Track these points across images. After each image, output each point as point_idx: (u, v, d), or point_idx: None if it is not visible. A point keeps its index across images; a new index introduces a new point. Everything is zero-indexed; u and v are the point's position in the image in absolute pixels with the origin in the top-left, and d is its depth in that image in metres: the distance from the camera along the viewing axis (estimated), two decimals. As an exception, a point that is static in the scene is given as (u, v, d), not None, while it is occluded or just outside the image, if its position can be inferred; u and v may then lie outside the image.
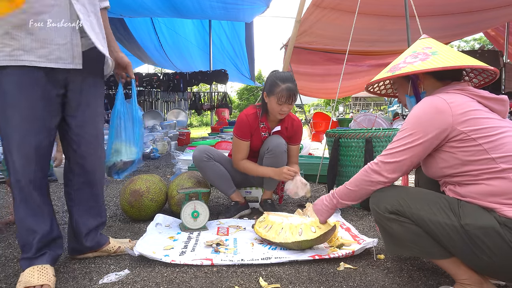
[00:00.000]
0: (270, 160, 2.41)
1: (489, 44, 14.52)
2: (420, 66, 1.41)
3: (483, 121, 1.31)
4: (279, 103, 2.30)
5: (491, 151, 1.28)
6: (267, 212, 2.10)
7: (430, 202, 1.34)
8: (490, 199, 1.27)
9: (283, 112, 2.35)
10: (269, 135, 2.49)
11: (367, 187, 1.49)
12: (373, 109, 30.53)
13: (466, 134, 1.30)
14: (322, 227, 1.80)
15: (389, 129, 2.80)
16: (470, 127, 1.30)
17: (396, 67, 1.49)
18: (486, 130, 1.30)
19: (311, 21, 6.36)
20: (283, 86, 2.28)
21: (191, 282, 1.55)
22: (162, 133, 7.31)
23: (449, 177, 1.39)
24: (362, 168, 1.52)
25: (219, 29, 10.69)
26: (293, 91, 2.29)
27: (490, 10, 6.23)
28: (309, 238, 1.78)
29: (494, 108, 1.38)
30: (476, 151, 1.29)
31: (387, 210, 1.40)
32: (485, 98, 1.38)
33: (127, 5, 7.88)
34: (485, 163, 1.28)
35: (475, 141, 1.29)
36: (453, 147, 1.33)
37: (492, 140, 1.28)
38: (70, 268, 1.72)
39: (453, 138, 1.32)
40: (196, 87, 13.31)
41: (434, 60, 1.40)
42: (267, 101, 2.37)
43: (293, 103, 2.33)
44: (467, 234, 1.24)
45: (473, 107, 1.34)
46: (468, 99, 1.36)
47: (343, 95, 14.85)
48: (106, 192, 3.50)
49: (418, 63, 1.43)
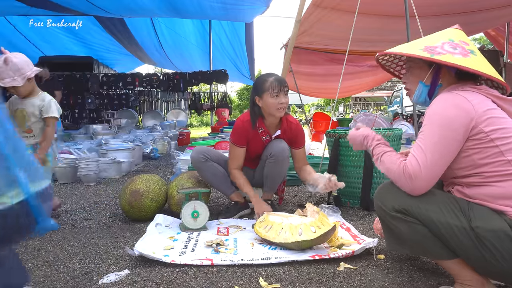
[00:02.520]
0: (272, 166, 2.40)
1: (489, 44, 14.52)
2: (462, 61, 1.31)
3: (502, 120, 1.29)
4: (273, 95, 2.27)
5: (507, 153, 1.26)
6: (267, 212, 2.09)
7: (440, 202, 1.31)
8: (501, 201, 1.25)
9: (281, 105, 2.29)
10: (271, 138, 2.47)
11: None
12: (373, 109, 30.54)
13: (486, 133, 1.27)
14: (322, 227, 1.80)
15: (389, 129, 2.80)
16: (489, 126, 1.27)
17: (434, 50, 1.36)
18: (504, 131, 1.27)
19: (311, 21, 6.35)
20: (271, 79, 2.30)
21: (191, 282, 1.55)
22: (162, 133, 7.32)
23: (459, 178, 1.36)
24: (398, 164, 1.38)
25: (219, 29, 10.68)
26: (282, 80, 2.31)
27: (490, 10, 6.23)
28: (309, 238, 1.78)
29: (506, 108, 1.35)
30: (492, 154, 1.27)
31: (394, 208, 1.36)
32: (499, 97, 1.35)
33: (127, 5, 7.88)
34: (500, 166, 1.26)
35: (492, 142, 1.27)
36: (469, 148, 1.30)
37: (509, 142, 1.26)
38: (70, 268, 1.72)
39: (472, 137, 1.29)
40: (196, 87, 13.32)
41: (475, 61, 1.33)
42: (261, 103, 2.34)
43: (287, 92, 2.32)
44: (477, 237, 1.22)
45: (490, 106, 1.31)
46: (484, 97, 1.33)
47: (343, 95, 14.85)
48: (106, 192, 3.51)
49: (458, 56, 1.32)
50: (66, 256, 1.88)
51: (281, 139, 2.44)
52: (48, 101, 2.33)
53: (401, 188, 1.36)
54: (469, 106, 1.29)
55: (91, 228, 2.38)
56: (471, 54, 1.35)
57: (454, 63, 1.31)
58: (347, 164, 2.74)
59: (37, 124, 2.33)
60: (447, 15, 6.27)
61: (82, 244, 2.05)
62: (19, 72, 2.16)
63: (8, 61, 2.11)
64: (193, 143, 5.63)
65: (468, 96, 1.31)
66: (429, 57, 1.35)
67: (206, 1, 7.68)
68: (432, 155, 1.30)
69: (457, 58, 1.32)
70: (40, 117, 2.32)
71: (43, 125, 2.35)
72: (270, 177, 2.40)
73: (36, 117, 2.32)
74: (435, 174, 1.31)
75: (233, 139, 2.46)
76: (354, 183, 2.71)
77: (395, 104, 16.52)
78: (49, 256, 1.88)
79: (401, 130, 2.80)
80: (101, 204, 3.03)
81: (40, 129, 2.34)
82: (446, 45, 1.37)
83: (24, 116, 2.30)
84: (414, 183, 1.31)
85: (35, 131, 2.33)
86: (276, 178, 2.45)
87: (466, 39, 1.43)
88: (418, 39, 1.51)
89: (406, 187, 1.34)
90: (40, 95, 2.35)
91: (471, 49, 1.37)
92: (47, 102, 2.33)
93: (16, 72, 2.15)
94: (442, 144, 1.29)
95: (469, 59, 1.33)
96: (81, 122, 10.59)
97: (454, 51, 1.34)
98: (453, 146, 1.30)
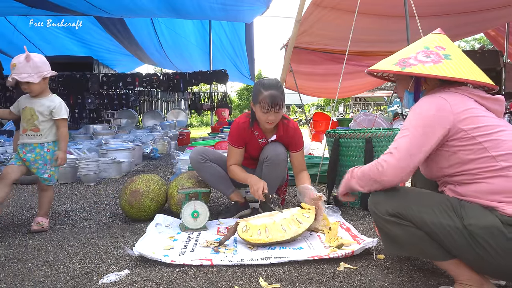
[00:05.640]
0: (268, 169, 2.40)
1: (489, 44, 14.51)
2: (431, 69, 1.37)
3: (481, 119, 1.32)
4: (263, 111, 2.24)
5: (491, 149, 1.28)
6: (244, 220, 2.06)
7: (432, 203, 1.33)
8: (491, 197, 1.27)
9: (269, 121, 2.27)
10: (267, 141, 2.46)
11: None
12: (373, 109, 30.51)
13: (466, 132, 1.30)
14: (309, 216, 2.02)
15: (389, 129, 2.80)
16: (469, 125, 1.31)
17: (406, 62, 1.43)
18: (485, 128, 1.30)
19: (311, 20, 6.35)
20: (265, 93, 2.21)
21: (191, 282, 1.55)
22: (162, 133, 7.31)
23: (449, 177, 1.39)
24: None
25: (219, 29, 10.69)
26: (276, 98, 2.19)
27: (490, 11, 6.22)
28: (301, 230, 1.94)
29: (491, 107, 1.39)
30: (476, 150, 1.29)
31: (388, 212, 1.38)
32: (482, 97, 1.39)
33: (127, 6, 7.88)
34: (485, 162, 1.28)
35: (475, 139, 1.29)
36: (453, 146, 1.33)
37: (492, 139, 1.29)
38: (70, 268, 1.72)
39: (453, 136, 1.32)
40: (196, 87, 13.31)
41: (446, 66, 1.37)
42: (255, 110, 2.33)
43: (279, 110, 2.24)
44: (471, 235, 1.23)
45: (470, 105, 1.35)
46: (466, 98, 1.37)
47: (344, 95, 14.83)
48: (106, 192, 3.51)
49: (429, 64, 1.38)
50: (66, 256, 1.88)
51: (278, 142, 2.44)
52: (58, 103, 2.38)
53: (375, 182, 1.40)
54: (446, 105, 1.33)
55: (91, 228, 2.38)
56: (444, 60, 1.39)
57: (421, 73, 1.38)
58: (347, 164, 2.74)
59: (45, 123, 2.35)
60: (447, 15, 6.26)
61: (82, 244, 2.05)
62: (37, 70, 2.24)
63: (30, 58, 2.23)
64: (193, 143, 5.62)
65: (446, 97, 1.36)
66: (400, 71, 1.43)
67: (206, 2, 7.68)
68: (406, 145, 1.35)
69: (427, 67, 1.39)
70: (50, 118, 2.35)
71: (51, 125, 2.37)
72: (268, 179, 2.40)
73: (45, 117, 2.34)
74: (408, 163, 1.35)
75: (231, 140, 2.47)
76: (354, 183, 2.71)
77: (395, 104, 16.48)
78: (49, 256, 1.88)
79: (401, 130, 2.80)
80: (101, 204, 3.03)
81: (48, 129, 2.36)
82: (420, 55, 1.44)
83: (32, 115, 2.32)
84: (385, 170, 1.36)
85: (43, 131, 2.34)
86: (273, 180, 2.44)
87: (444, 43, 1.47)
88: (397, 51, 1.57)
89: (378, 176, 1.39)
90: (49, 96, 2.39)
91: (447, 53, 1.42)
92: (58, 104, 2.37)
93: (34, 69, 2.24)
94: (414, 136, 1.35)
95: (440, 65, 1.38)
96: (81, 122, 10.60)
97: (426, 59, 1.41)
98: (427, 140, 1.33)
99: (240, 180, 2.43)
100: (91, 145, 5.07)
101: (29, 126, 2.34)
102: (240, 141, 2.44)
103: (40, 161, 2.34)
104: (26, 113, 2.34)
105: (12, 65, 2.25)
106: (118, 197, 3.16)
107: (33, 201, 3.12)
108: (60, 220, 2.58)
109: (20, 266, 1.76)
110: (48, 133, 2.36)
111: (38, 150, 2.34)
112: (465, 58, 1.43)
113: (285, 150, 2.43)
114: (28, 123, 2.34)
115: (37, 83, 2.27)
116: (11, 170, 2.30)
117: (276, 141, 2.44)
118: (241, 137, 2.44)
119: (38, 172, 2.34)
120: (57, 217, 2.65)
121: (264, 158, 2.40)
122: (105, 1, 7.52)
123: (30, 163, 2.33)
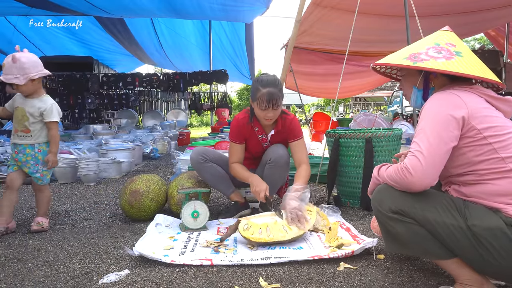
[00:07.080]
0: (271, 171, 2.40)
1: (489, 44, 14.51)
2: (444, 65, 1.34)
3: (493, 119, 1.31)
4: (261, 108, 2.25)
5: (500, 151, 1.27)
6: (245, 218, 2.06)
7: (436, 202, 1.32)
8: (496, 199, 1.26)
9: (268, 118, 2.29)
10: (267, 137, 2.48)
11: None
12: (373, 109, 30.52)
13: (478, 130, 1.29)
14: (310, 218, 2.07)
15: (389, 129, 2.80)
16: (482, 124, 1.29)
17: (418, 57, 1.40)
18: (496, 129, 1.29)
19: (311, 20, 6.35)
20: (263, 91, 2.22)
21: (191, 282, 1.55)
22: (162, 133, 7.32)
23: (455, 177, 1.38)
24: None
25: (219, 29, 10.69)
26: (273, 95, 2.21)
27: (490, 11, 6.22)
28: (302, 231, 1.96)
29: (500, 108, 1.37)
30: (486, 151, 1.28)
31: (391, 209, 1.37)
32: (492, 97, 1.37)
33: (126, 6, 7.88)
34: (494, 163, 1.27)
35: (485, 140, 1.28)
36: (463, 146, 1.31)
37: (502, 140, 1.28)
38: (70, 268, 1.72)
39: (466, 134, 1.30)
40: (196, 87, 13.32)
41: (459, 63, 1.35)
42: (253, 106, 2.35)
43: (277, 107, 2.26)
44: (474, 236, 1.23)
45: (483, 104, 1.33)
46: (477, 96, 1.36)
47: (344, 95, 14.81)
48: (106, 192, 3.51)
49: (441, 60, 1.36)
50: (66, 256, 1.88)
51: (281, 145, 2.44)
52: (49, 105, 2.33)
53: (404, 188, 1.35)
54: (460, 102, 1.32)
55: (91, 228, 2.38)
56: (456, 56, 1.37)
57: (434, 68, 1.34)
58: (347, 164, 2.74)
59: (35, 125, 2.31)
60: (447, 15, 6.26)
61: (82, 244, 2.05)
62: (23, 71, 2.20)
63: (16, 59, 2.17)
64: (193, 143, 5.63)
65: (460, 94, 1.34)
66: (411, 65, 1.39)
67: (206, 2, 7.68)
68: (429, 147, 1.29)
69: (439, 62, 1.35)
70: (40, 119, 2.32)
71: (42, 127, 2.34)
72: (270, 180, 2.40)
73: (35, 119, 2.30)
74: (434, 166, 1.29)
75: (231, 136, 2.48)
76: (354, 183, 2.71)
77: (395, 104, 16.51)
78: (49, 256, 1.88)
79: (401, 130, 2.80)
80: (101, 204, 3.03)
81: (39, 130, 2.33)
82: (430, 50, 1.40)
83: (23, 116, 2.30)
84: (414, 177, 1.30)
85: (33, 132, 2.31)
86: (275, 182, 2.44)
87: (454, 40, 1.45)
88: (407, 46, 1.53)
89: (407, 183, 1.32)
90: (42, 97, 2.34)
91: (458, 51, 1.39)
92: (49, 106, 2.32)
93: (21, 71, 2.19)
94: (437, 136, 1.30)
95: (453, 61, 1.35)
96: (81, 122, 10.61)
97: (438, 55, 1.37)
98: (448, 138, 1.30)
99: (242, 179, 2.43)
100: (91, 145, 5.07)
101: (20, 127, 2.32)
102: (240, 137, 2.45)
103: (32, 161, 2.33)
104: (18, 113, 2.31)
105: (2, 65, 2.23)
106: (118, 197, 3.16)
107: (33, 201, 3.12)
108: (60, 220, 2.58)
109: (20, 266, 1.76)
110: (38, 134, 2.34)
111: (28, 150, 2.32)
112: (474, 56, 1.41)
113: (287, 152, 2.44)
114: (19, 124, 2.32)
115: (24, 85, 2.22)
116: (14, 177, 2.32)
117: (279, 144, 2.45)
118: (241, 133, 2.45)
119: (30, 172, 2.34)
120: (57, 217, 2.65)
121: (267, 160, 2.40)
122: (105, 1, 7.53)
123: (22, 163, 2.32)
